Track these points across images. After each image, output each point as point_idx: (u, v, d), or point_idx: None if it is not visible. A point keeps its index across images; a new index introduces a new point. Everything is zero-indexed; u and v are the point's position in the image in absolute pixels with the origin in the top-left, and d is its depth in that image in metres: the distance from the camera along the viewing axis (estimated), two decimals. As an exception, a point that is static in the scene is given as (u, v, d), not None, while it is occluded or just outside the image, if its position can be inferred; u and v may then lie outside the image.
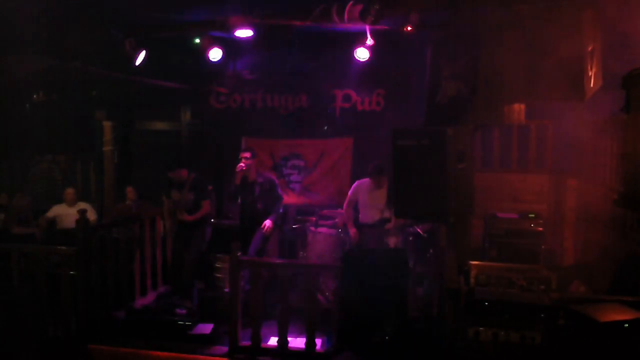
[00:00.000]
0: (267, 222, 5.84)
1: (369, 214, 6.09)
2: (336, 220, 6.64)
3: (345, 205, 6.25)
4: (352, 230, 6.12)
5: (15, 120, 7.18)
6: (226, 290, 5.84)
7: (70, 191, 7.19)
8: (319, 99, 7.93)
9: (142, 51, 6.32)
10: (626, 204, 4.02)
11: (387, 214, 5.96)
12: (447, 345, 3.91)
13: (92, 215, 6.67)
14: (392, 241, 5.96)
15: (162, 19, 6.32)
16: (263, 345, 4.82)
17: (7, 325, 4.32)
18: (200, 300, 6.00)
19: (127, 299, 5.72)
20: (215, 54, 6.95)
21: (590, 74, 5.16)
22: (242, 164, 5.79)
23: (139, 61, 6.37)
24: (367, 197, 6.08)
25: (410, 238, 6.03)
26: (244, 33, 5.98)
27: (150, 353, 4.85)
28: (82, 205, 6.54)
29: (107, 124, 8.53)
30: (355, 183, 6.25)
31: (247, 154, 5.90)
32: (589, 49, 5.07)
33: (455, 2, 4.66)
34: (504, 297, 3.77)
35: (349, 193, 6.25)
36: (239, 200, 6.05)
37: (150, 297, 6.15)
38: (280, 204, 6.05)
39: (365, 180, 6.12)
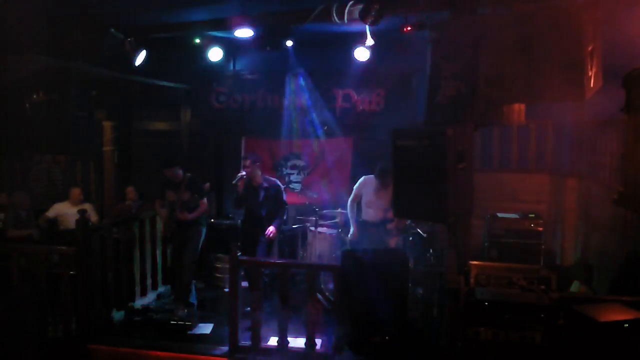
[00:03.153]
0: (271, 229, 5.74)
1: (373, 212, 6.06)
2: (336, 220, 6.64)
3: (350, 200, 6.17)
4: (354, 227, 6.10)
5: (15, 120, 7.16)
6: (226, 290, 5.84)
7: (76, 191, 7.07)
8: (319, 98, 7.93)
9: (142, 51, 6.33)
10: (626, 204, 4.02)
11: (390, 214, 5.95)
12: (447, 345, 3.91)
13: (93, 216, 6.65)
14: (392, 241, 5.96)
15: (162, 19, 6.32)
16: (263, 345, 4.83)
17: (7, 325, 4.32)
18: (200, 300, 6.01)
19: (127, 299, 5.72)
20: (215, 54, 6.96)
21: (590, 74, 5.15)
22: (242, 172, 5.74)
23: (139, 61, 6.37)
24: (372, 195, 6.04)
25: (410, 238, 6.03)
26: (244, 33, 5.98)
27: (150, 353, 4.86)
28: (86, 206, 6.49)
29: (107, 124, 8.53)
30: (362, 179, 6.16)
31: (247, 162, 5.80)
32: (589, 49, 5.06)
33: (455, 2, 4.66)
34: (504, 297, 3.76)
35: (355, 188, 6.16)
36: (244, 206, 5.96)
37: (150, 297, 6.15)
38: (284, 211, 5.99)
39: (371, 177, 6.04)
